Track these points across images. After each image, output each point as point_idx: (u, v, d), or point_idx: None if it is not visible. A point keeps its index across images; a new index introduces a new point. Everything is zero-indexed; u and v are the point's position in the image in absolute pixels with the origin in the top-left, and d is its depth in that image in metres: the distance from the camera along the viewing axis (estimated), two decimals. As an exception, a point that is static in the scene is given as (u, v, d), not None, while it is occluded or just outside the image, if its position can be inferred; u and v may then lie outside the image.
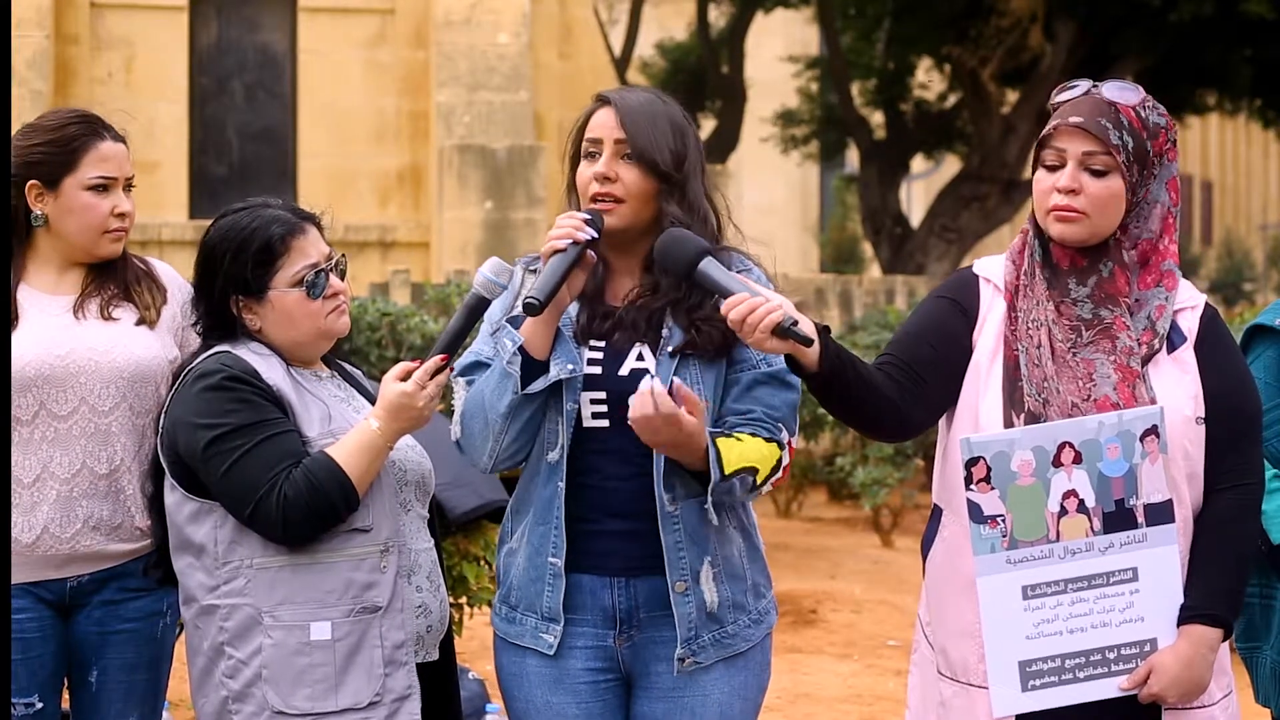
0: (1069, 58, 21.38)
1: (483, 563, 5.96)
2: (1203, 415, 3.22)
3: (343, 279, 3.45)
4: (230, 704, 3.26)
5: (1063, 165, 3.22)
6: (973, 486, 3.17)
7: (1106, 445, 3.15)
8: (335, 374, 3.53)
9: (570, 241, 3.23)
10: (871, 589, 10.18)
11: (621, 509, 3.30)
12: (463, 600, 6.09)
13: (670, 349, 3.28)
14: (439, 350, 3.27)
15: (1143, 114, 3.24)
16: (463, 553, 5.87)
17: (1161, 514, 3.18)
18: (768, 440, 3.28)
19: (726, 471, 3.19)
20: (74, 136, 3.67)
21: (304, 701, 3.24)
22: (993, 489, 3.17)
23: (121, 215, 3.70)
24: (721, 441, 3.22)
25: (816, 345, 3.10)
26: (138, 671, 3.70)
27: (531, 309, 3.18)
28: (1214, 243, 55.35)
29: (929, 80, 25.16)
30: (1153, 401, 3.19)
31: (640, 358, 3.30)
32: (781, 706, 7.34)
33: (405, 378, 3.28)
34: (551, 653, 3.33)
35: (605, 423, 3.30)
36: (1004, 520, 3.18)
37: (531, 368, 3.26)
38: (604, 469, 3.30)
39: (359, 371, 3.64)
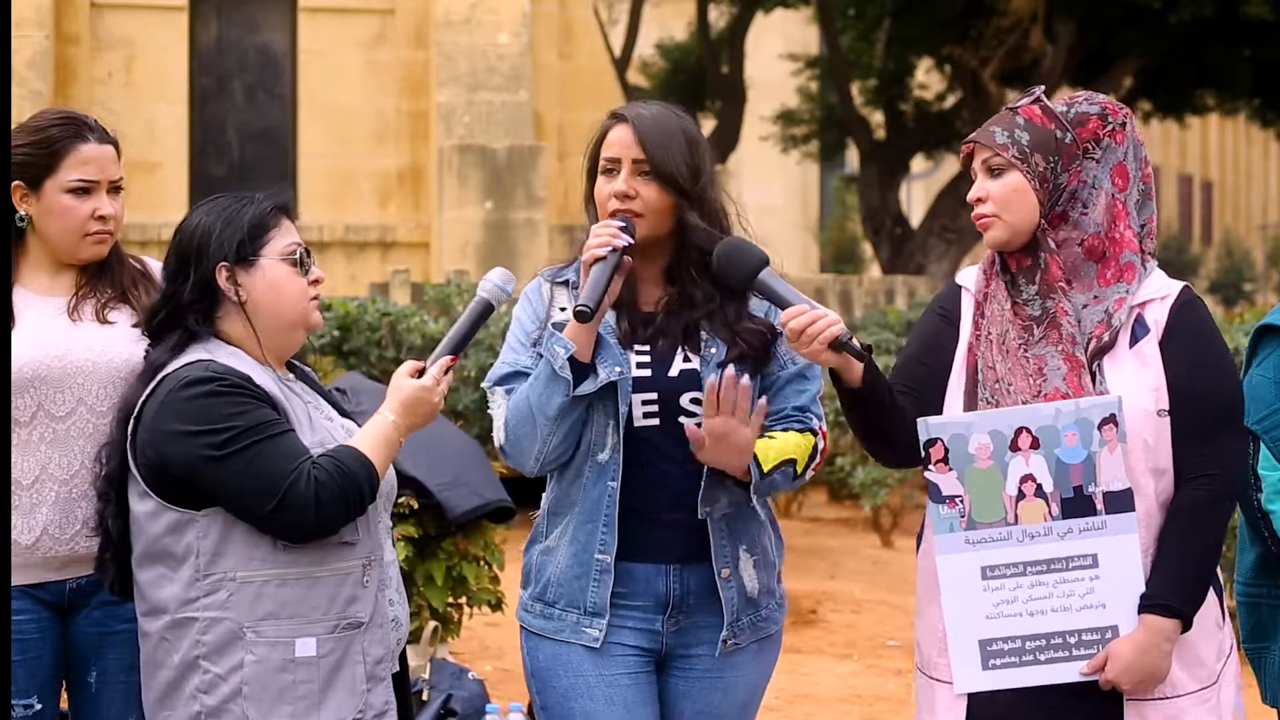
0: (1069, 58, 21.39)
1: (482, 563, 5.96)
2: (1165, 408, 3.25)
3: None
4: (203, 719, 3.20)
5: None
6: (931, 467, 3.26)
7: (1064, 432, 3.20)
8: (295, 378, 3.48)
9: (610, 249, 3.34)
10: (871, 589, 10.18)
11: (673, 502, 3.43)
12: (462, 600, 6.09)
13: (718, 362, 3.41)
14: (449, 351, 3.34)
15: (1052, 108, 3.33)
16: (462, 553, 5.88)
17: (1121, 502, 3.21)
18: (800, 431, 3.44)
19: (765, 470, 3.35)
20: (55, 139, 3.65)
21: (285, 719, 3.19)
22: (951, 470, 3.25)
23: (103, 218, 3.67)
24: (757, 444, 3.36)
25: (861, 363, 3.27)
26: (137, 672, 3.67)
27: (584, 316, 3.31)
28: (1214, 243, 55.33)
29: (929, 80, 25.15)
30: (1101, 393, 3.23)
31: (686, 359, 3.43)
32: (781, 706, 7.34)
33: (416, 375, 3.30)
34: (597, 645, 3.43)
35: (655, 421, 3.42)
36: (962, 501, 3.26)
37: (577, 370, 3.36)
38: (656, 465, 3.42)
39: (313, 372, 3.61)
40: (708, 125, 25.27)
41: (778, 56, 29.93)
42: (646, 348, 3.45)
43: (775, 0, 24.05)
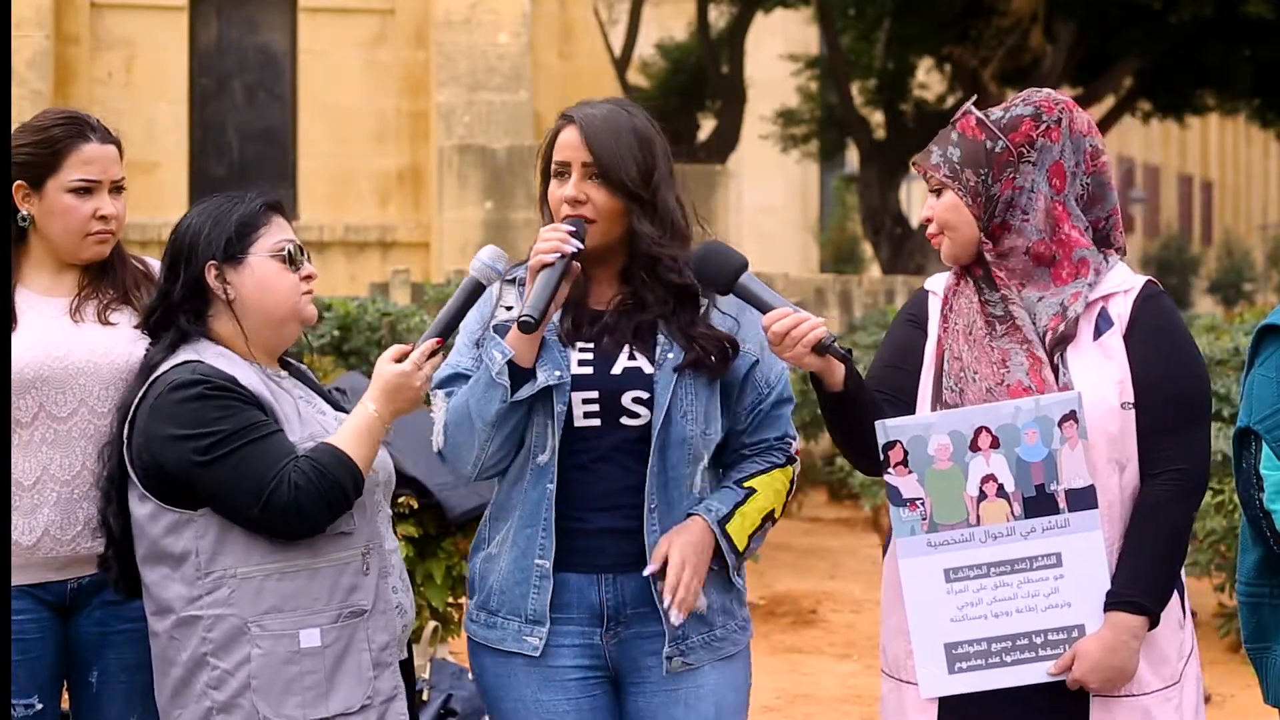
0: (1069, 58, 21.39)
1: (483, 563, 5.96)
2: (1130, 401, 3.23)
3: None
4: (215, 715, 3.22)
5: None
6: (890, 470, 3.24)
7: (1024, 430, 3.18)
8: (289, 375, 3.51)
9: (558, 255, 3.26)
10: (871, 589, 10.18)
11: (610, 504, 3.35)
12: (462, 600, 6.08)
13: (674, 366, 3.34)
14: (434, 334, 3.30)
15: (987, 117, 3.32)
16: (463, 553, 5.86)
17: (1084, 499, 3.19)
18: (784, 465, 3.43)
19: (740, 549, 3.34)
20: (58, 138, 3.65)
21: (295, 710, 3.21)
22: (911, 472, 3.23)
23: (105, 218, 3.67)
24: (730, 528, 3.35)
25: (844, 366, 3.24)
26: (138, 672, 3.68)
27: (528, 327, 3.22)
28: (1214, 243, 55.36)
29: (929, 80, 25.16)
30: (1065, 386, 3.22)
31: (631, 357, 3.35)
32: (781, 707, 7.34)
33: (400, 360, 3.29)
34: (537, 655, 3.35)
35: (597, 421, 3.34)
36: (923, 503, 3.23)
37: (517, 374, 3.30)
38: (594, 467, 3.34)
39: (310, 370, 3.63)
40: (708, 125, 25.28)
41: (778, 56, 29.95)
42: (590, 345, 3.37)
43: (775, 0, 24.06)
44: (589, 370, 3.34)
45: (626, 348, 3.35)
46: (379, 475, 3.40)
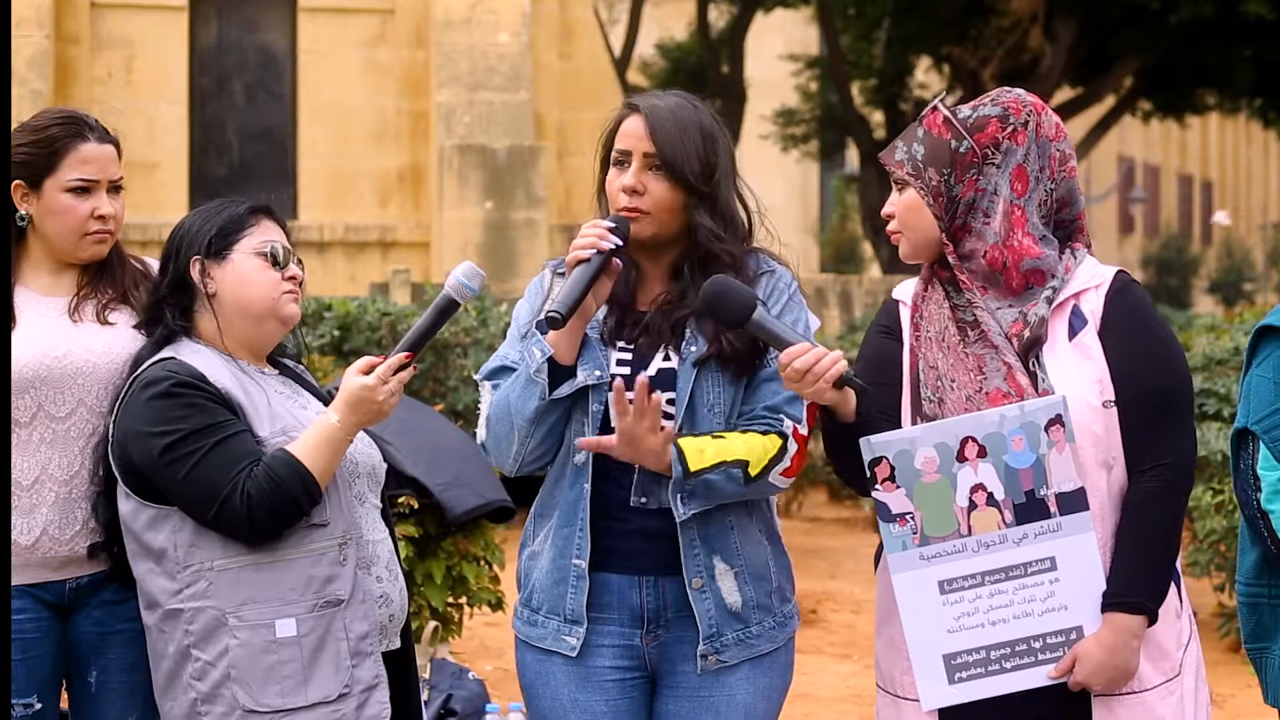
0: (1069, 58, 21.39)
1: (482, 562, 5.96)
2: (1111, 399, 3.21)
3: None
4: (199, 705, 3.29)
5: None
6: (878, 486, 3.21)
7: (1010, 438, 3.17)
8: (280, 374, 3.55)
9: (594, 251, 3.24)
10: (871, 589, 10.15)
11: (643, 508, 3.33)
12: (462, 600, 6.09)
13: (694, 359, 3.31)
14: (404, 348, 3.31)
15: (954, 116, 3.29)
16: (463, 553, 5.88)
17: (1074, 502, 3.18)
18: (764, 433, 3.30)
19: (693, 469, 3.22)
20: (56, 138, 3.65)
21: (274, 698, 3.27)
22: (898, 487, 3.21)
23: (102, 218, 3.68)
24: (685, 442, 3.25)
25: (862, 397, 3.22)
26: (137, 671, 3.68)
27: (554, 323, 3.20)
28: (1214, 243, 55.35)
29: (929, 80, 25.17)
30: (1044, 391, 3.20)
31: (666, 358, 3.33)
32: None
33: (368, 371, 3.31)
34: (574, 654, 3.36)
35: None
36: (913, 517, 3.22)
37: (558, 372, 3.29)
38: (631, 468, 3.31)
39: (305, 370, 3.66)
40: (708, 125, 25.25)
41: (778, 56, 29.96)
42: (630, 345, 3.35)
43: (775, 0, 24.08)
44: (625, 370, 3.32)
45: (663, 348, 3.33)
46: (360, 467, 3.45)
